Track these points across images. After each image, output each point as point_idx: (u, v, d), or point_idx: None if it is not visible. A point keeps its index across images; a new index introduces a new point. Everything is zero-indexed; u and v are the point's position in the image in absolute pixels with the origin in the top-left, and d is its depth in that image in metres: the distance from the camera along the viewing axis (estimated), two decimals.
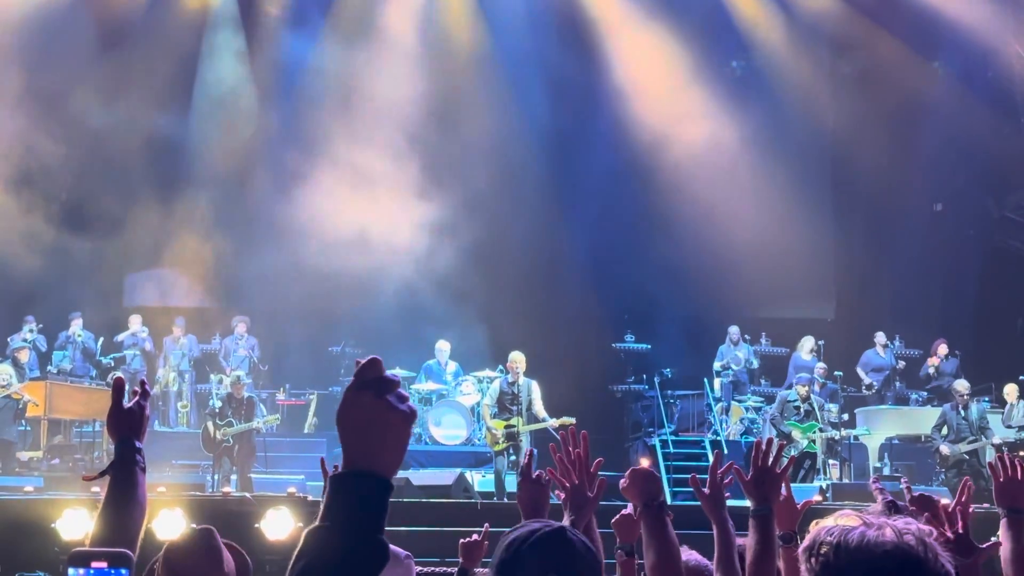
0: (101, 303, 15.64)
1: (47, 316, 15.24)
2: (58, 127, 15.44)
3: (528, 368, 12.70)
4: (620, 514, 3.41)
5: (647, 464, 12.12)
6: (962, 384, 13.76)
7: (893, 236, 18.39)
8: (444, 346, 15.28)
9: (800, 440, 13.15)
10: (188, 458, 13.75)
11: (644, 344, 17.81)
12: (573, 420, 11.78)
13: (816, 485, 12.66)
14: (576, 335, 16.79)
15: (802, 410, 13.39)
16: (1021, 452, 11.91)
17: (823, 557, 1.82)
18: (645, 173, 17.40)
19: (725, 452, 13.62)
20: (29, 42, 15.83)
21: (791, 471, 3.96)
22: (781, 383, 16.29)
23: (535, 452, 3.55)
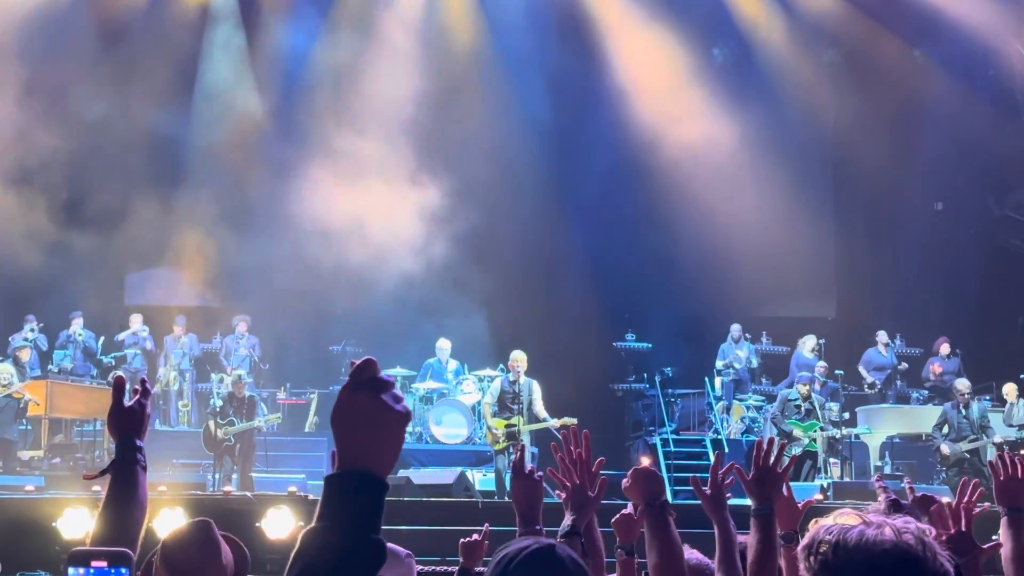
0: (102, 302, 15.62)
1: (48, 315, 15.24)
2: (59, 125, 15.41)
3: (529, 367, 12.69)
4: (620, 514, 3.41)
5: (648, 463, 12.14)
6: (963, 383, 13.75)
7: (894, 235, 18.38)
8: (445, 345, 15.28)
9: (801, 439, 13.14)
10: (189, 457, 13.76)
11: (645, 343, 17.80)
12: (575, 421, 11.73)
13: (817, 484, 12.65)
14: (577, 334, 16.78)
15: (803, 409, 13.38)
16: (1022, 451, 11.91)
17: (822, 556, 1.82)
18: (645, 172, 17.39)
19: (726, 451, 13.63)
20: (30, 39, 15.82)
21: (793, 470, 3.96)
22: (781, 382, 16.30)
23: (526, 446, 3.54)
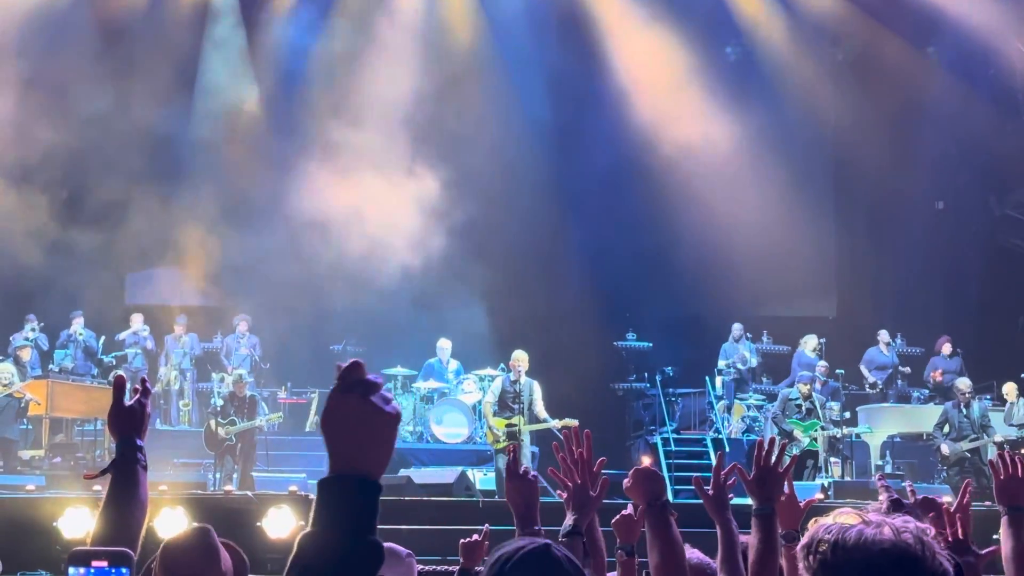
0: (102, 301, 15.61)
1: (48, 315, 15.23)
2: (59, 123, 15.40)
3: (529, 367, 12.70)
4: (620, 514, 3.41)
5: (649, 462, 12.13)
6: (964, 382, 13.74)
7: (895, 234, 18.37)
8: (445, 344, 15.28)
9: (802, 438, 13.14)
10: (190, 456, 13.76)
11: (645, 342, 17.78)
12: (575, 422, 11.69)
13: (818, 483, 12.65)
14: (577, 333, 16.76)
15: (804, 408, 13.38)
16: (1022, 450, 11.90)
17: (821, 555, 1.82)
18: (646, 171, 17.38)
19: (727, 450, 13.64)
20: (30, 37, 15.81)
21: (794, 470, 3.96)
22: (782, 381, 16.30)
23: (520, 447, 3.55)
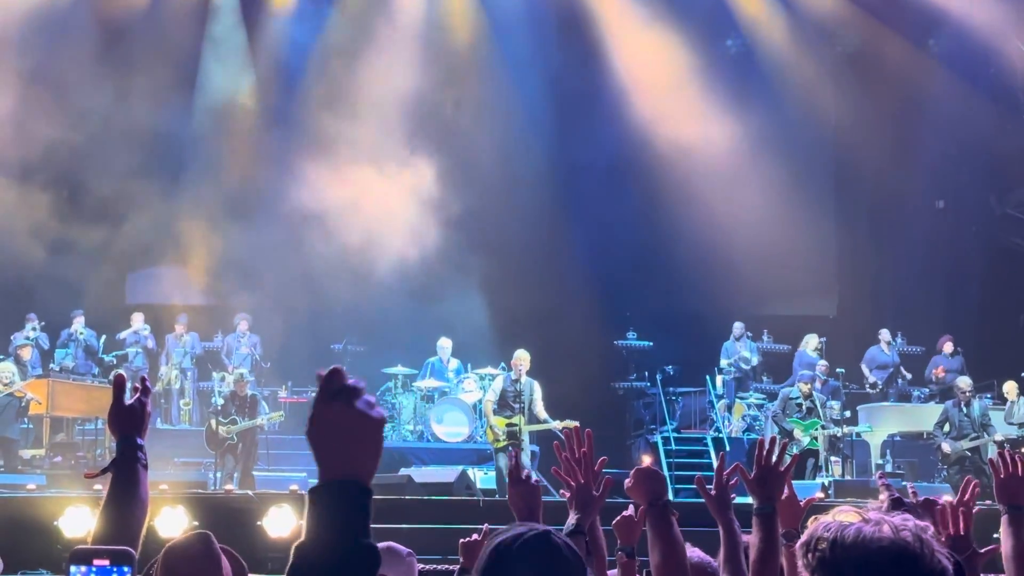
0: (103, 300, 15.63)
1: (49, 314, 15.22)
2: (60, 120, 15.41)
3: (530, 366, 12.70)
4: (620, 516, 3.41)
5: (649, 461, 12.14)
6: (964, 381, 13.75)
7: (895, 233, 18.38)
8: (446, 344, 15.28)
9: (802, 438, 13.14)
10: (190, 456, 13.75)
11: (646, 341, 17.79)
12: (576, 423, 11.70)
13: (818, 482, 12.65)
14: (578, 332, 16.77)
15: (804, 407, 13.38)
16: (1022, 449, 11.90)
17: (819, 552, 1.82)
18: (646, 169, 17.39)
19: (727, 449, 13.64)
20: (31, 35, 15.81)
21: (795, 469, 3.96)
22: (783, 380, 16.29)
23: (522, 451, 3.55)
